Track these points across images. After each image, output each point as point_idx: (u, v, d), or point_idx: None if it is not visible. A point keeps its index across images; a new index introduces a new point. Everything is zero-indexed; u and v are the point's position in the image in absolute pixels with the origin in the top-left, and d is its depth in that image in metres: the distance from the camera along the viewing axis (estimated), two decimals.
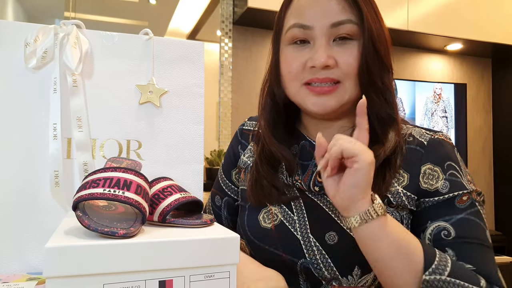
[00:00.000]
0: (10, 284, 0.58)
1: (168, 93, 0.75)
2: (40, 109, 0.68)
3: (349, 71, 0.74)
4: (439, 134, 0.80)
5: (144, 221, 0.53)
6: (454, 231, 0.71)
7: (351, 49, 0.74)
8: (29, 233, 0.67)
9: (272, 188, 0.82)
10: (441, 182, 0.74)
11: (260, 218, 0.82)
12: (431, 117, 2.64)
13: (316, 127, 0.84)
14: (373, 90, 0.76)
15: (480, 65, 3.08)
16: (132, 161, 0.63)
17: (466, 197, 0.73)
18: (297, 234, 0.77)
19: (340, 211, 0.65)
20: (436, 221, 0.73)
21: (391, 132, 0.76)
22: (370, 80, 0.75)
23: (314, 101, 0.76)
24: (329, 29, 0.74)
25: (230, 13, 2.39)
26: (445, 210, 0.73)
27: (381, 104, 0.76)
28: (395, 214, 0.74)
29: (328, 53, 0.74)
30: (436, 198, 0.74)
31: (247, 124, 0.98)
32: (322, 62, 0.73)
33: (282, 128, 0.85)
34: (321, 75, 0.75)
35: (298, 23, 0.76)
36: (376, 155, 0.73)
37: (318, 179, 0.79)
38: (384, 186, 0.74)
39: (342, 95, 0.76)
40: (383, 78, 0.77)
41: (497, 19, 2.64)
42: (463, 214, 0.72)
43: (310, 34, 0.76)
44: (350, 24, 0.74)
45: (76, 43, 0.69)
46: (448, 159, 0.76)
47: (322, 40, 0.75)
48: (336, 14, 0.74)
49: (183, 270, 0.49)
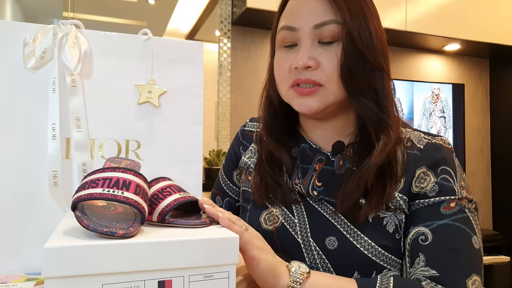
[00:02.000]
0: (8, 284, 0.58)
1: (167, 93, 0.75)
2: (38, 109, 0.68)
3: (331, 73, 0.73)
4: (437, 139, 0.78)
5: (143, 221, 0.53)
6: (431, 236, 0.71)
7: (334, 51, 0.73)
8: (28, 233, 0.66)
9: (277, 186, 0.82)
10: (431, 185, 0.74)
11: (261, 220, 0.82)
12: (429, 117, 2.64)
13: (313, 128, 0.84)
14: (357, 91, 0.73)
15: (478, 65, 3.09)
16: (131, 161, 0.63)
17: (454, 204, 0.72)
18: (298, 237, 0.77)
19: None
20: (417, 226, 0.73)
21: (384, 136, 0.73)
22: (353, 82, 0.73)
23: (299, 102, 0.76)
24: (313, 30, 0.74)
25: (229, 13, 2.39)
26: (428, 216, 0.72)
27: (368, 105, 0.74)
28: (393, 218, 0.74)
29: (310, 54, 0.73)
30: (422, 201, 0.73)
31: (249, 125, 0.98)
32: (303, 63, 0.73)
33: (281, 130, 0.85)
34: (304, 76, 0.74)
35: (286, 25, 0.77)
36: (371, 159, 0.73)
37: (317, 183, 0.79)
38: (385, 197, 0.73)
39: (325, 97, 0.74)
40: (370, 79, 0.74)
41: (495, 20, 2.65)
42: (447, 220, 0.71)
43: (297, 35, 0.75)
44: (333, 24, 0.73)
45: (75, 43, 0.69)
46: (443, 164, 0.75)
47: (305, 42, 0.74)
48: (319, 15, 0.73)
49: (182, 270, 0.49)
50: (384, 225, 0.74)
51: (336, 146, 0.80)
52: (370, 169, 0.72)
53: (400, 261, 0.74)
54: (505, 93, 3.01)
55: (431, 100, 2.64)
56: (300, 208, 0.79)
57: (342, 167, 0.79)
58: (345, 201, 0.74)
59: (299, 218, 0.78)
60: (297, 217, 0.79)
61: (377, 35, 0.75)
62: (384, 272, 0.72)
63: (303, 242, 0.76)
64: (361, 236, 0.73)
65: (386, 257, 0.72)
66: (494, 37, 2.64)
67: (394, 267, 0.73)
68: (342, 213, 0.75)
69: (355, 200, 0.73)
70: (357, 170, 0.74)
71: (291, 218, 0.79)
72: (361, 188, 0.73)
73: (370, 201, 0.73)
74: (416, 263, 0.71)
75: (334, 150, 0.80)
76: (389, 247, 0.73)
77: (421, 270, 0.70)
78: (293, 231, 0.78)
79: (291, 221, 0.79)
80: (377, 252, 0.72)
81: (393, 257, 0.73)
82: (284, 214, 0.80)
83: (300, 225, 0.78)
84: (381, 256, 0.72)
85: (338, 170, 0.79)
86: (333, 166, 0.80)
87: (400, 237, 0.74)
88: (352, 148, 0.79)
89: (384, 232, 0.73)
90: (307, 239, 0.76)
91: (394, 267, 0.73)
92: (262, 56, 2.47)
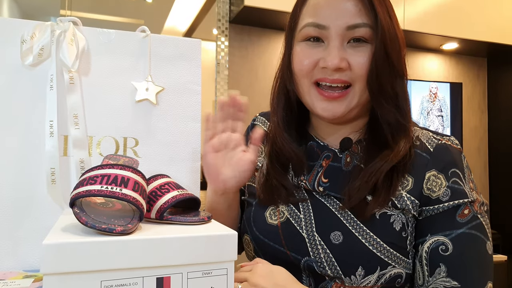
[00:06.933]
0: (6, 281, 0.58)
1: (165, 91, 0.75)
2: (36, 106, 0.68)
3: (361, 74, 0.73)
4: (446, 139, 0.78)
5: (141, 218, 0.53)
6: (452, 247, 0.72)
7: (364, 52, 0.73)
8: (26, 230, 0.66)
9: (281, 187, 0.81)
10: (443, 189, 0.74)
11: (267, 215, 0.82)
12: (427, 116, 2.64)
13: (326, 129, 0.84)
14: (382, 96, 0.75)
15: (475, 64, 3.09)
16: (129, 159, 0.63)
17: (468, 211, 0.73)
18: (303, 232, 0.77)
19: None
20: (436, 235, 0.73)
21: (402, 139, 0.75)
22: (379, 85, 0.74)
23: (323, 107, 0.76)
24: (344, 31, 0.73)
25: (226, 11, 2.39)
26: (445, 224, 0.73)
27: (391, 110, 0.75)
28: (400, 216, 0.74)
29: (342, 55, 0.73)
30: (437, 207, 0.74)
31: (258, 119, 0.98)
32: (335, 64, 0.72)
33: (294, 127, 0.84)
34: (332, 76, 0.74)
35: (314, 22, 0.75)
36: (385, 160, 0.73)
37: (323, 179, 0.79)
38: (391, 190, 0.74)
39: (351, 100, 0.75)
40: (394, 84, 0.75)
41: (493, 19, 2.65)
42: (464, 229, 0.72)
43: (325, 33, 0.75)
44: (365, 27, 0.73)
45: (72, 40, 0.68)
46: (453, 166, 0.75)
47: (336, 41, 0.74)
48: (353, 16, 0.73)
49: (181, 267, 0.49)
50: (391, 223, 0.74)
51: (344, 142, 0.81)
52: (383, 169, 0.73)
53: (404, 259, 0.74)
54: (502, 92, 3.01)
55: (429, 99, 2.65)
56: (307, 205, 0.79)
57: (349, 164, 0.79)
58: (353, 197, 0.74)
59: (305, 214, 0.78)
60: (303, 212, 0.79)
61: (402, 40, 0.77)
62: (388, 269, 0.72)
63: (308, 236, 0.76)
64: (367, 232, 0.73)
65: (391, 254, 0.73)
66: (492, 36, 2.65)
67: (399, 264, 0.73)
68: (349, 209, 0.75)
69: (363, 196, 0.74)
70: (367, 167, 0.75)
71: (297, 213, 0.79)
72: (370, 185, 0.73)
73: (377, 197, 0.73)
74: (436, 273, 0.72)
75: (342, 146, 0.81)
76: (395, 244, 0.73)
77: (442, 281, 0.71)
78: (298, 225, 0.78)
79: (297, 216, 0.79)
80: (382, 248, 0.72)
81: (398, 255, 0.73)
82: (290, 210, 0.80)
83: (306, 220, 0.78)
84: (386, 252, 0.72)
85: (345, 167, 0.79)
86: (340, 163, 0.80)
87: (406, 235, 0.74)
88: (360, 145, 0.80)
89: (391, 229, 0.74)
90: (312, 233, 0.76)
91: (399, 264, 0.73)
92: (260, 54, 2.47)
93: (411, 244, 0.75)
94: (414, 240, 0.76)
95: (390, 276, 0.72)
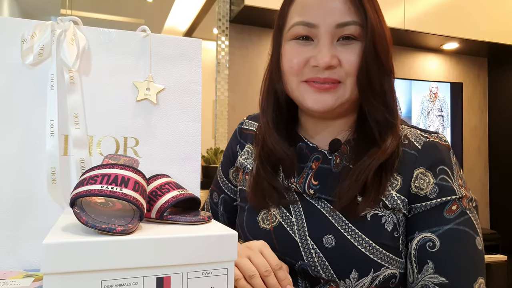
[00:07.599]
0: (6, 281, 0.58)
1: (165, 90, 0.75)
2: (37, 106, 0.68)
3: (351, 71, 0.74)
4: (434, 136, 0.78)
5: (142, 218, 0.52)
6: (439, 243, 0.71)
7: (354, 49, 0.74)
8: (26, 230, 0.66)
9: (272, 189, 0.81)
10: (431, 187, 0.74)
11: (259, 219, 0.82)
12: (427, 116, 2.64)
13: (314, 127, 0.84)
14: (371, 93, 0.75)
15: (476, 64, 3.09)
16: (129, 158, 0.63)
17: (456, 206, 0.73)
18: (295, 236, 0.77)
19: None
20: (423, 231, 0.73)
21: (389, 137, 0.75)
22: (368, 83, 0.74)
23: (314, 98, 0.75)
24: (334, 29, 0.73)
25: (227, 11, 2.39)
26: (433, 220, 0.73)
27: (379, 107, 0.75)
28: (391, 216, 0.74)
29: (332, 53, 0.73)
30: (424, 204, 0.74)
31: (246, 123, 0.97)
32: (326, 62, 0.72)
33: (284, 127, 0.84)
34: (323, 75, 0.74)
35: (303, 20, 0.75)
36: (372, 158, 0.73)
37: (313, 181, 0.79)
38: (380, 189, 0.74)
39: (343, 93, 0.75)
40: (382, 82, 0.76)
41: (493, 19, 2.65)
42: (451, 225, 0.72)
43: (314, 32, 0.75)
44: (355, 25, 0.73)
45: (73, 39, 0.68)
46: (441, 163, 0.75)
47: (326, 40, 0.74)
48: (342, 14, 0.73)
49: (181, 267, 0.49)
50: (382, 224, 0.74)
51: (333, 144, 0.80)
52: (372, 167, 0.73)
53: (397, 259, 0.74)
54: (503, 92, 3.01)
55: (429, 99, 2.65)
56: (298, 207, 0.79)
57: (339, 165, 0.79)
58: (343, 198, 0.74)
59: (297, 217, 0.78)
60: (294, 216, 0.78)
61: (390, 39, 0.77)
62: (382, 270, 0.72)
63: (301, 240, 0.76)
64: (359, 234, 0.73)
65: (384, 255, 0.73)
66: (492, 36, 2.65)
67: (392, 265, 0.73)
68: (340, 210, 0.75)
69: (353, 196, 0.74)
70: (356, 166, 0.74)
71: (289, 217, 0.79)
72: (360, 184, 0.73)
73: (368, 197, 0.73)
74: (424, 270, 0.72)
75: (331, 148, 0.80)
76: (387, 245, 0.73)
77: (430, 277, 0.71)
78: (291, 229, 0.78)
79: (289, 220, 0.79)
80: (375, 250, 0.72)
81: (391, 255, 0.73)
82: (282, 214, 0.80)
83: (298, 224, 0.77)
84: (379, 254, 0.72)
85: (334, 168, 0.79)
86: (329, 165, 0.80)
87: (398, 235, 0.74)
88: (349, 145, 0.80)
89: (383, 230, 0.73)
90: (304, 237, 0.76)
91: (392, 265, 0.73)
92: (260, 54, 2.47)
93: (403, 244, 0.75)
94: (406, 239, 0.76)
95: (384, 277, 0.72)
